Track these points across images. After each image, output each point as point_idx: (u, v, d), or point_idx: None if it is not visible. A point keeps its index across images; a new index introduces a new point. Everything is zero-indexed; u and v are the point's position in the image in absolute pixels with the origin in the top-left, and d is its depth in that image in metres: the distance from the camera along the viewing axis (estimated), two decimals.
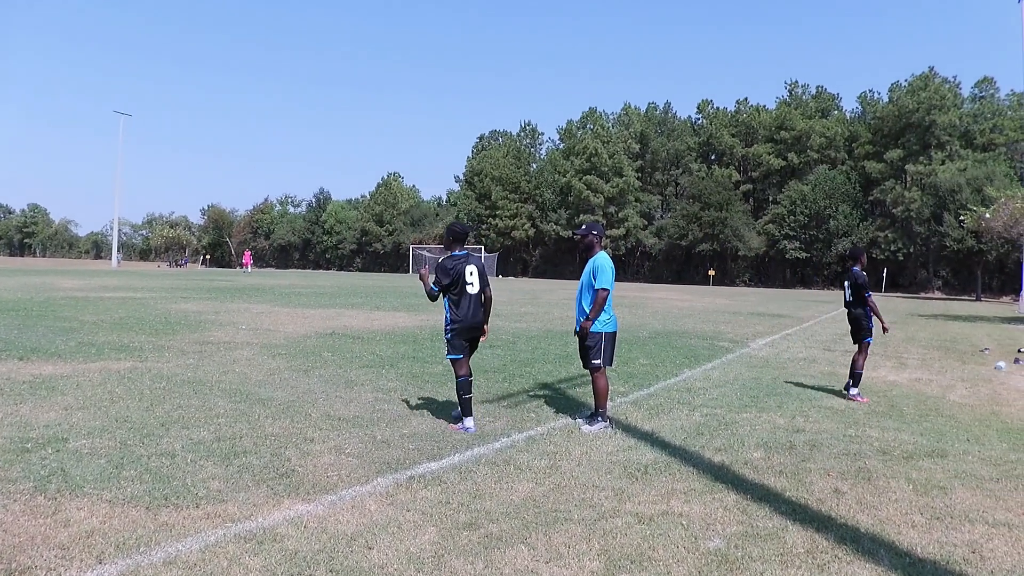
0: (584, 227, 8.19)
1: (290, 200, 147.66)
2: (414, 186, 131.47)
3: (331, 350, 13.17)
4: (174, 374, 10.20)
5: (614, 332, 7.99)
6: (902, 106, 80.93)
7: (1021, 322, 29.56)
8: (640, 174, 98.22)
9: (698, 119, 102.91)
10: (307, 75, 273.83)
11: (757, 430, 8.01)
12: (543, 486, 5.76)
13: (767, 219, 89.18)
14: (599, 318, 7.83)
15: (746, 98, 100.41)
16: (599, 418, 7.86)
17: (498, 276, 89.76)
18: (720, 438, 7.60)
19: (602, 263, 7.87)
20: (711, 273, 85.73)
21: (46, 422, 7.23)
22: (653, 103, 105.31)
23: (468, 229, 8.24)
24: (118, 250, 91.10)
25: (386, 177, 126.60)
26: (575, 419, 8.23)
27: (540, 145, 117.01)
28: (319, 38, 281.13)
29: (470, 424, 7.67)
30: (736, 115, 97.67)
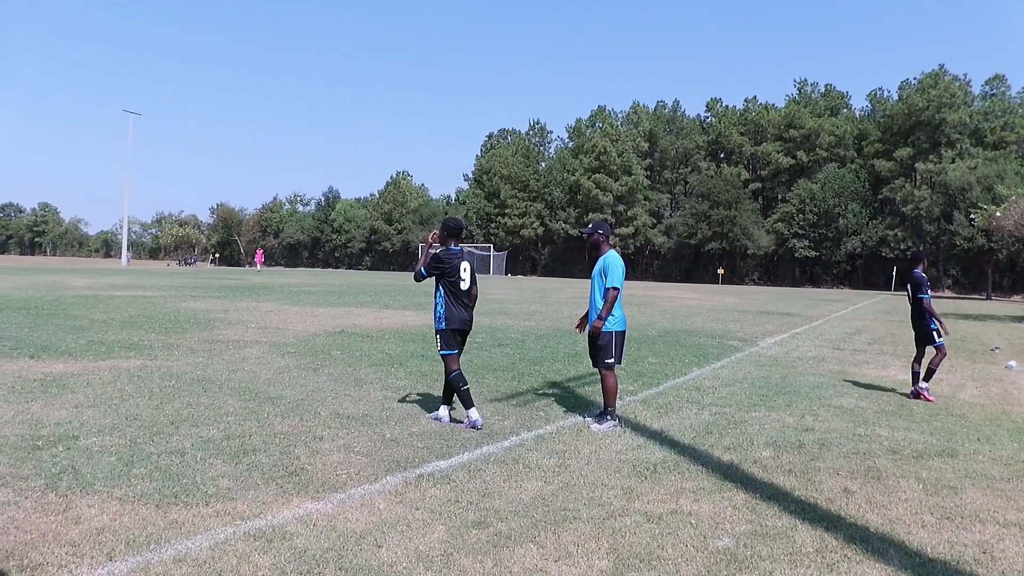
0: (591, 226, 8.22)
1: (299, 199, 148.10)
2: (423, 185, 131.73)
3: (340, 348, 13.18)
4: (183, 372, 10.22)
5: (623, 331, 7.99)
6: (912, 104, 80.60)
7: None
8: (649, 172, 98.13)
9: (707, 117, 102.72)
10: (316, 74, 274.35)
11: (766, 429, 7.99)
12: (552, 484, 5.76)
13: (776, 218, 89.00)
14: (609, 318, 7.84)
15: (755, 96, 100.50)
16: (608, 417, 7.85)
17: (507, 275, 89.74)
18: (729, 437, 7.59)
19: (612, 261, 7.88)
20: (720, 272, 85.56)
21: (57, 420, 7.26)
22: (662, 101, 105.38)
23: (463, 224, 8.29)
24: (128, 249, 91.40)
25: (395, 176, 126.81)
26: (584, 418, 8.22)
27: (549, 144, 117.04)
28: (328, 37, 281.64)
29: (475, 416, 7.70)
30: (745, 113, 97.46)
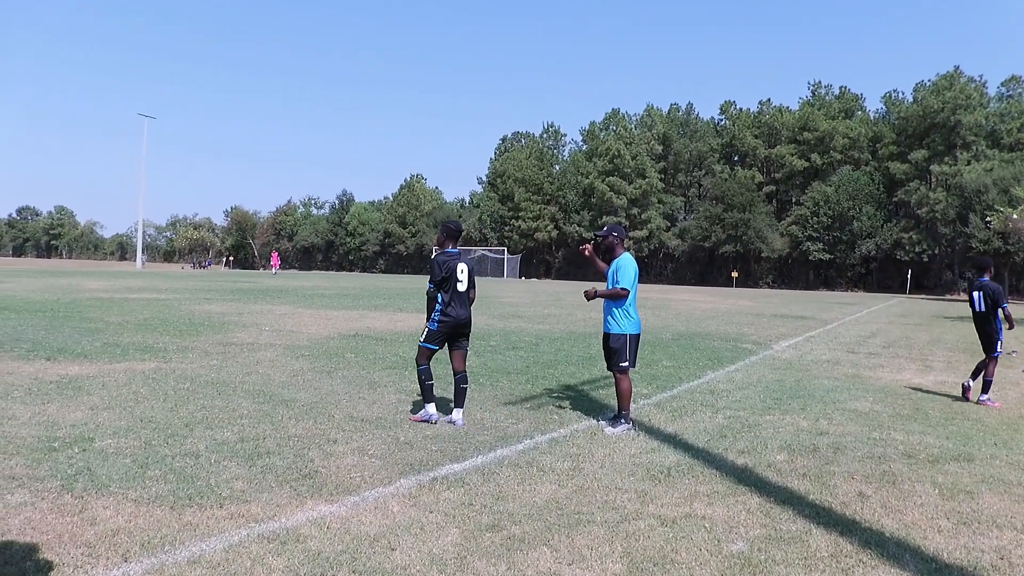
0: (605, 229, 8.23)
1: (313, 202, 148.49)
2: (437, 188, 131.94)
3: (354, 352, 13.21)
4: (198, 375, 10.26)
5: (638, 334, 7.99)
6: (927, 106, 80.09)
7: None
8: (663, 175, 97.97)
9: (721, 120, 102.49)
10: (331, 77, 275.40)
11: (780, 432, 7.96)
12: (566, 488, 5.75)
13: (790, 220, 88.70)
14: (623, 321, 7.85)
15: (769, 99, 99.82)
16: (622, 420, 7.84)
17: (521, 278, 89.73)
18: (743, 440, 7.56)
19: (624, 263, 7.89)
20: (734, 275, 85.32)
21: (73, 421, 7.29)
22: (676, 104, 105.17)
23: (461, 227, 8.39)
24: (142, 252, 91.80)
25: (409, 179, 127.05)
26: (598, 421, 8.21)
27: (563, 146, 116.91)
28: (343, 41, 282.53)
29: (432, 411, 7.88)
30: (759, 116, 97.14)
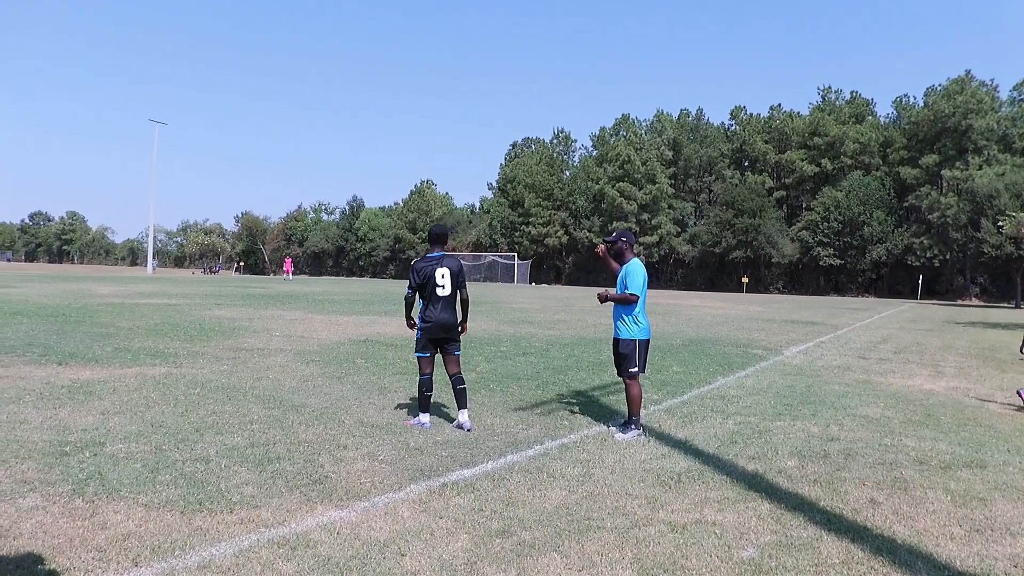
0: (614, 234, 8.24)
1: (323, 207, 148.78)
2: (447, 193, 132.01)
3: (364, 357, 13.22)
4: (208, 380, 10.29)
5: (647, 339, 7.99)
6: (938, 110, 79.81)
7: None
8: (673, 181, 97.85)
9: (731, 125, 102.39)
10: (341, 83, 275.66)
11: (791, 438, 7.93)
12: (576, 494, 5.74)
13: (801, 226, 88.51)
14: (632, 327, 7.84)
15: (779, 104, 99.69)
16: (632, 426, 7.83)
17: (531, 284, 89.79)
18: (754, 446, 7.54)
19: (633, 269, 7.90)
20: (744, 280, 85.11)
21: (84, 426, 7.32)
22: (686, 109, 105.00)
23: (446, 230, 8.47)
24: (153, 257, 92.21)
25: (419, 184, 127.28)
26: (608, 427, 8.20)
27: (573, 152, 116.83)
28: (353, 46, 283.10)
29: (425, 420, 7.99)
30: (769, 121, 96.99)
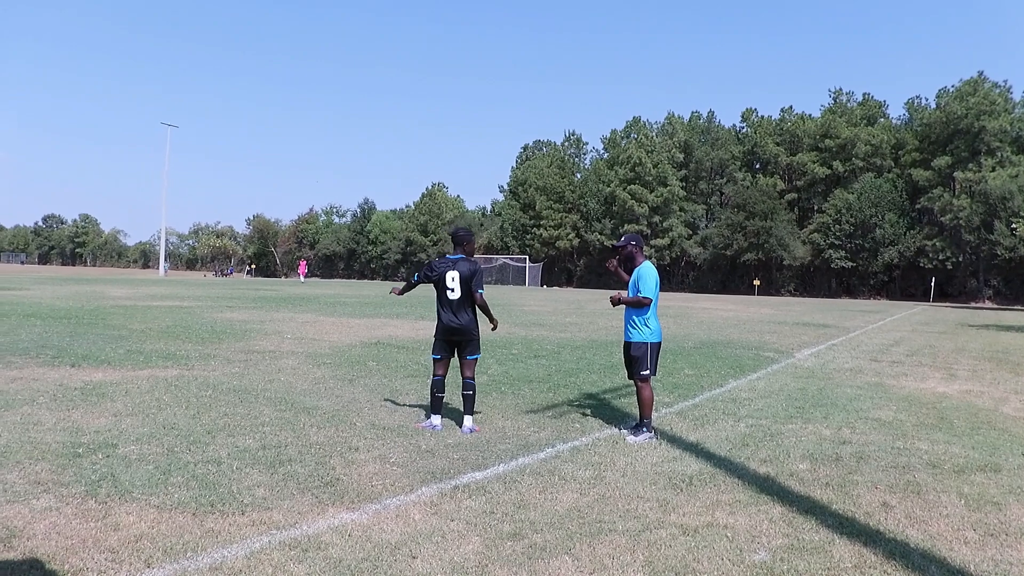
0: (623, 239, 8.24)
1: (335, 210, 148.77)
2: (459, 196, 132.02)
3: (376, 359, 13.24)
4: (220, 382, 10.32)
5: (659, 342, 7.98)
6: (950, 112, 79.34)
7: None
8: (684, 183, 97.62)
9: (742, 128, 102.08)
10: (352, 86, 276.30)
11: (803, 441, 7.91)
12: (587, 497, 5.74)
13: (812, 228, 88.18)
14: (644, 329, 7.84)
15: (791, 106, 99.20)
16: (644, 428, 7.82)
17: (542, 286, 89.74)
18: (765, 449, 7.52)
19: (645, 272, 7.89)
20: (756, 283, 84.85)
21: (96, 428, 7.36)
22: (697, 112, 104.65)
23: (463, 233, 8.43)
24: (165, 259, 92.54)
25: (430, 187, 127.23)
26: (620, 429, 8.20)
27: (584, 155, 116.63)
28: (364, 49, 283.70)
29: (436, 422, 7.99)
30: (780, 123, 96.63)
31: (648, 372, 7.84)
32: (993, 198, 69.81)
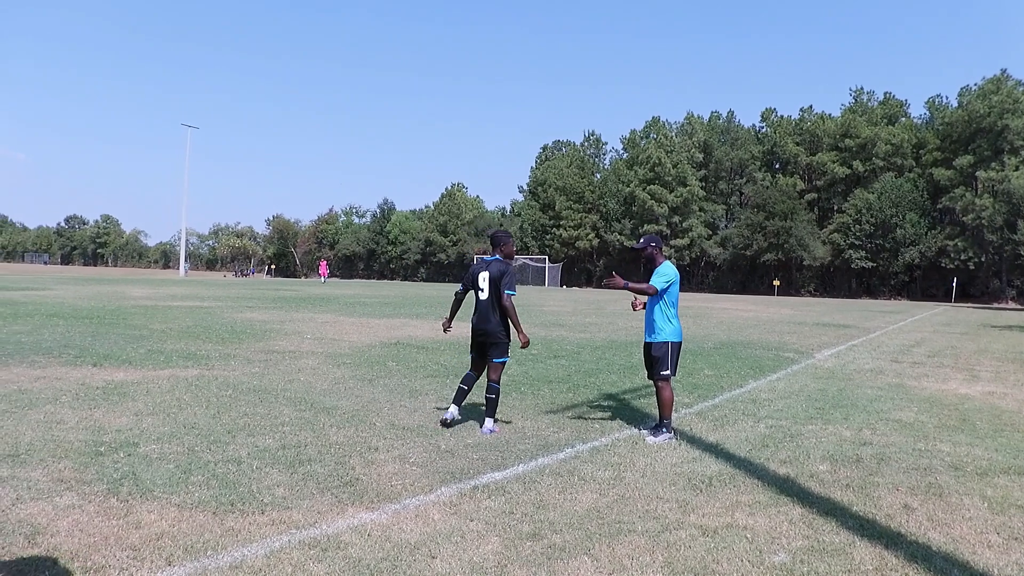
0: (643, 240, 8.21)
1: (354, 210, 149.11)
2: (478, 196, 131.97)
3: (396, 360, 13.26)
4: (240, 382, 10.36)
5: (679, 342, 7.96)
6: (972, 111, 78.73)
7: None
8: (704, 183, 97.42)
9: (762, 127, 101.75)
10: (372, 87, 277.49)
11: (823, 442, 7.86)
12: (607, 497, 5.73)
13: (832, 228, 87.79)
14: (666, 328, 7.83)
15: (810, 106, 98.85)
16: (664, 429, 7.80)
17: (562, 286, 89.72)
18: (785, 450, 7.48)
19: (661, 269, 7.89)
20: (776, 283, 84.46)
21: (118, 427, 7.41)
22: (716, 112, 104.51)
23: (501, 235, 8.34)
24: (186, 260, 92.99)
25: (450, 187, 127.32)
26: (639, 430, 8.17)
27: (604, 155, 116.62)
28: (384, 50, 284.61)
29: (453, 411, 8.03)
30: (800, 123, 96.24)
31: (668, 372, 7.83)
32: (1016, 197, 69.20)
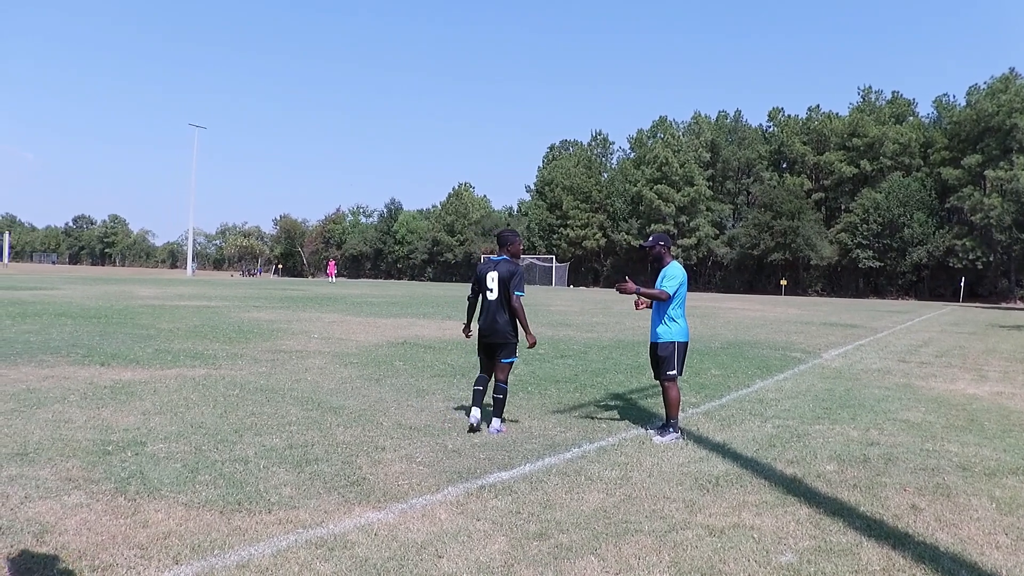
0: (651, 239, 8.18)
1: (362, 210, 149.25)
2: (485, 196, 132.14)
3: (403, 359, 13.27)
4: (247, 381, 10.38)
5: (686, 342, 7.95)
6: (980, 110, 78.34)
7: None
8: (711, 183, 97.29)
9: (769, 127, 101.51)
10: (378, 86, 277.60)
11: (830, 442, 7.85)
12: (614, 497, 5.72)
13: (839, 228, 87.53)
14: (672, 328, 7.82)
15: (818, 105, 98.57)
16: (670, 429, 7.80)
17: (569, 286, 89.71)
18: (792, 450, 7.47)
19: (670, 271, 7.88)
20: (783, 283, 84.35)
21: (126, 426, 7.42)
22: (723, 111, 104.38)
23: (508, 234, 8.30)
24: (193, 259, 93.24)
25: (457, 187, 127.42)
26: (646, 430, 8.17)
27: (611, 154, 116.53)
28: (390, 50, 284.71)
29: (476, 414, 7.89)
30: (808, 122, 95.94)
31: (675, 372, 7.82)
32: None
